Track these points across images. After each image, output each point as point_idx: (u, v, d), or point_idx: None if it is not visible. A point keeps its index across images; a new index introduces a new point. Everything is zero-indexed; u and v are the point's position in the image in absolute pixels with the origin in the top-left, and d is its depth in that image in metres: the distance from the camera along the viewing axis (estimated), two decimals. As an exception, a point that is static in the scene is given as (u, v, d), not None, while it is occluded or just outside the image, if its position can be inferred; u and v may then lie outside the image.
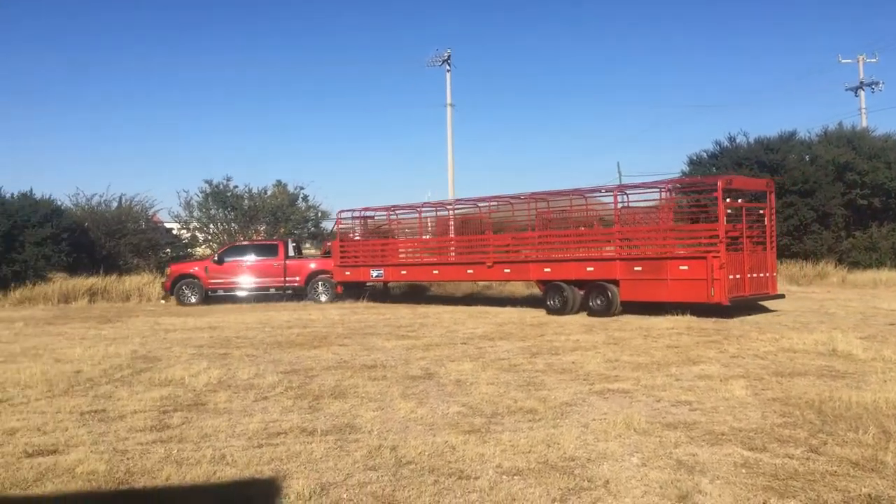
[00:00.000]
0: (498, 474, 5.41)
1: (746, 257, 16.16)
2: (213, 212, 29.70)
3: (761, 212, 17.23)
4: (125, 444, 6.43)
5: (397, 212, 22.67)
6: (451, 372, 9.65)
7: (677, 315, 15.56)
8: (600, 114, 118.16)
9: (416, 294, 25.16)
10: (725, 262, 15.15)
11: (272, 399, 8.23)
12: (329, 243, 24.35)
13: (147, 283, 25.48)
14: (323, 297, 22.66)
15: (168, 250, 29.71)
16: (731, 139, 29.44)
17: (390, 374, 9.60)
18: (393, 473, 5.48)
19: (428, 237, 22.76)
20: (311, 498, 5.00)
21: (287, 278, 23.02)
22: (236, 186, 29.83)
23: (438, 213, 22.49)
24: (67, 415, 7.61)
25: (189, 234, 30.57)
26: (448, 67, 40.15)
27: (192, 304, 22.40)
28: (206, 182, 29.37)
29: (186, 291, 22.79)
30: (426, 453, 5.95)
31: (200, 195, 29.66)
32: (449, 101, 40.18)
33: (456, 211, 22.02)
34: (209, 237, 30.14)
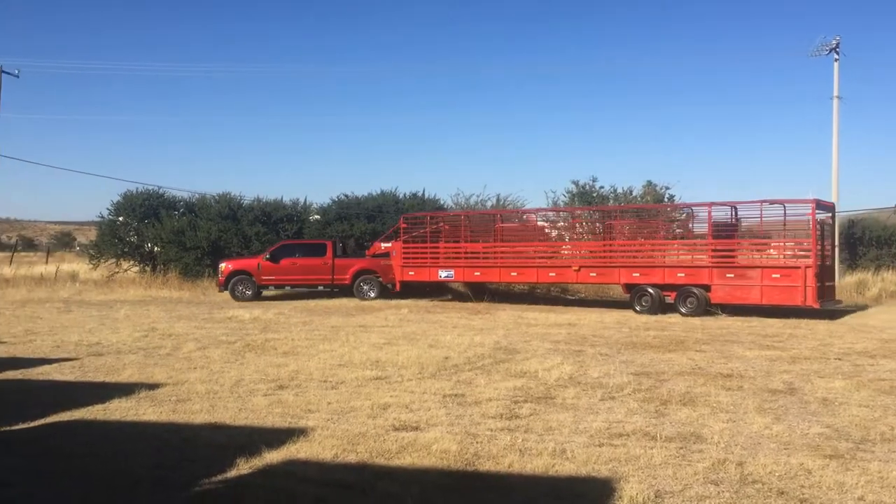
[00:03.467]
0: (859, 508, 4.81)
1: (822, 268, 18.27)
2: (578, 212, 30.41)
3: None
4: (477, 429, 6.88)
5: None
6: (817, 389, 8.78)
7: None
8: None
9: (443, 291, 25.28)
10: (817, 271, 17.46)
11: (619, 399, 8.21)
12: (383, 245, 24.63)
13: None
14: (371, 294, 23.51)
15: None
16: None
17: (747, 386, 9.01)
18: (735, 491, 5.14)
19: (485, 242, 23.03)
20: (643, 504, 4.90)
21: (335, 276, 23.72)
22: (602, 187, 30.21)
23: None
24: (431, 396, 8.35)
25: (556, 233, 31.68)
26: (836, 56, 36.33)
27: (247, 300, 22.99)
28: (573, 182, 30.18)
29: (240, 287, 23.48)
30: (776, 474, 5.49)
31: (567, 195, 30.54)
32: (836, 93, 36.30)
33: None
34: (575, 236, 30.94)
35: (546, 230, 24.11)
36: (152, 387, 8.75)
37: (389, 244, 24.22)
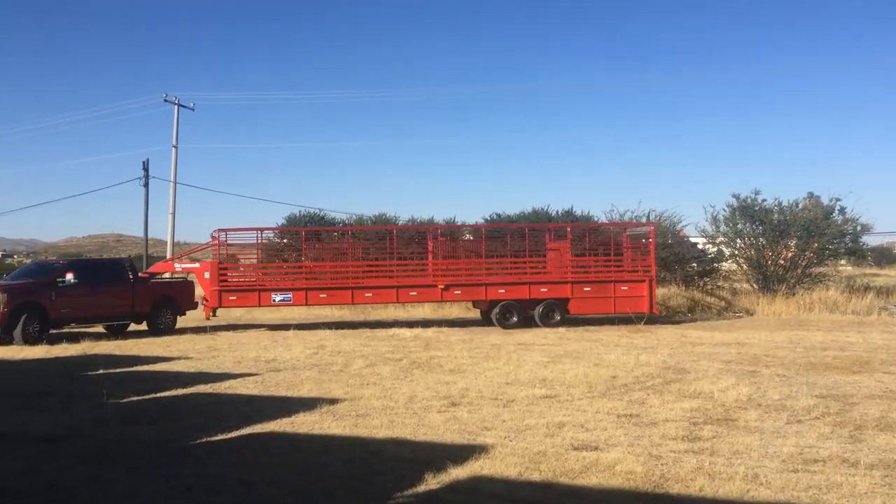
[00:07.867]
0: None
1: None
2: (739, 226, 29.07)
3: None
4: (658, 450, 6.72)
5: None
6: None
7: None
8: None
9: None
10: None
11: (807, 423, 7.79)
12: (180, 265, 21.87)
13: (672, 295, 26.29)
14: (172, 322, 20.04)
15: (694, 265, 30.07)
16: None
17: (951, 411, 8.33)
18: (958, 525, 4.76)
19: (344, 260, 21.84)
20: (855, 535, 4.62)
21: (135, 304, 19.44)
22: (765, 200, 28.75)
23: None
24: (605, 415, 8.23)
25: (715, 249, 30.47)
26: None
27: (35, 343, 16.89)
28: (734, 196, 28.90)
29: (32, 326, 17.19)
30: None
31: (727, 210, 29.30)
32: None
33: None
34: (735, 252, 29.63)
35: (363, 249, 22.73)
36: (331, 402, 9.11)
37: (197, 265, 21.49)
